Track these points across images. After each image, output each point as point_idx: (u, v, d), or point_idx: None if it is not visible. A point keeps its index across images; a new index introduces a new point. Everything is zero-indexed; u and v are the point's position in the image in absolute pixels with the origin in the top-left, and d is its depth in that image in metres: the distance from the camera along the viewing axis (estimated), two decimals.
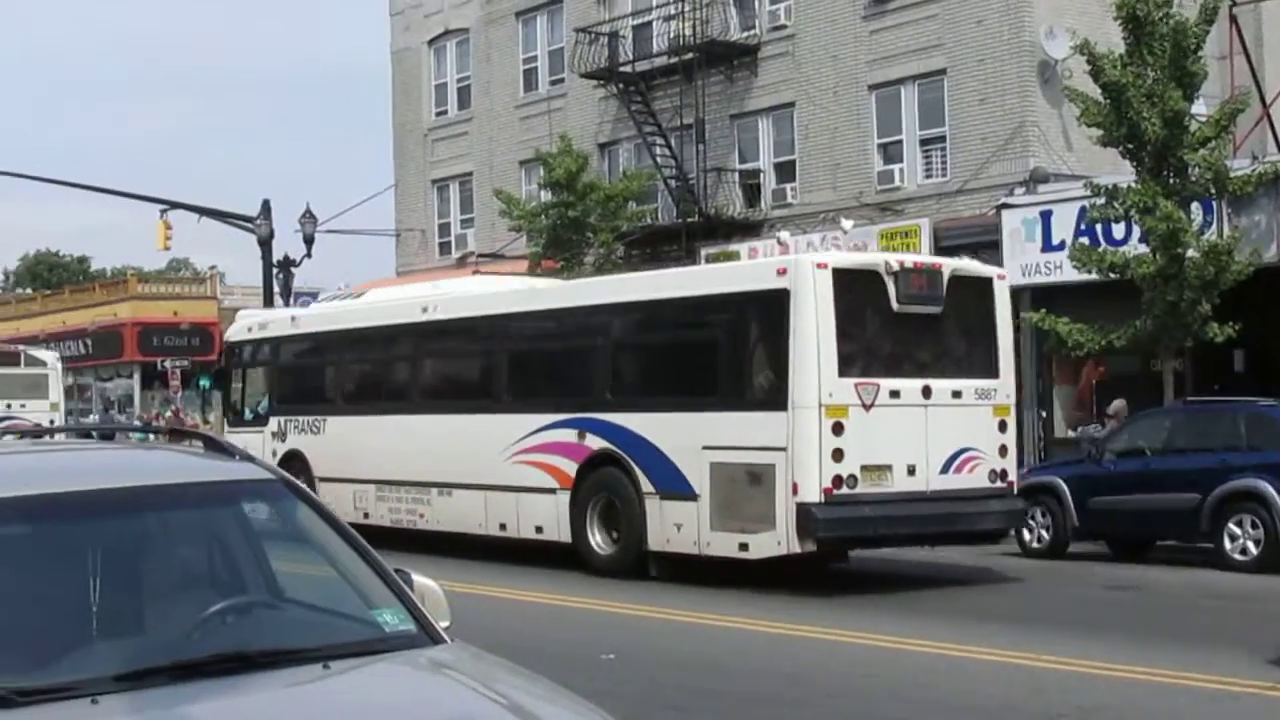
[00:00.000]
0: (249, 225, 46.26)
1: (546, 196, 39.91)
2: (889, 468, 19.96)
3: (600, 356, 23.10)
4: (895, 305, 20.34)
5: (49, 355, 53.61)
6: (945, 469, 20.51)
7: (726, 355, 21.39)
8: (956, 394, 20.73)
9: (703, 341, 21.84)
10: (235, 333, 31.50)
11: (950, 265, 21.58)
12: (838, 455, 19.50)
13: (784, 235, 36.80)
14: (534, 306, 24.84)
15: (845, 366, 19.80)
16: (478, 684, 5.54)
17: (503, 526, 24.00)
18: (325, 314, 30.00)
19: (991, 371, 21.32)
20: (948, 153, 35.52)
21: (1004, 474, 21.20)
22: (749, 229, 39.00)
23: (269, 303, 44.69)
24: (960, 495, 20.64)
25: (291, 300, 46.17)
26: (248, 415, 30.27)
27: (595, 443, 22.41)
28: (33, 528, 5.89)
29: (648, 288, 23.26)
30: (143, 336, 67.52)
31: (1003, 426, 21.22)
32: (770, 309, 20.20)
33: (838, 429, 19.53)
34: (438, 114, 50.02)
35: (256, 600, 6.23)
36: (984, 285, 21.63)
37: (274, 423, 29.02)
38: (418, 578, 6.30)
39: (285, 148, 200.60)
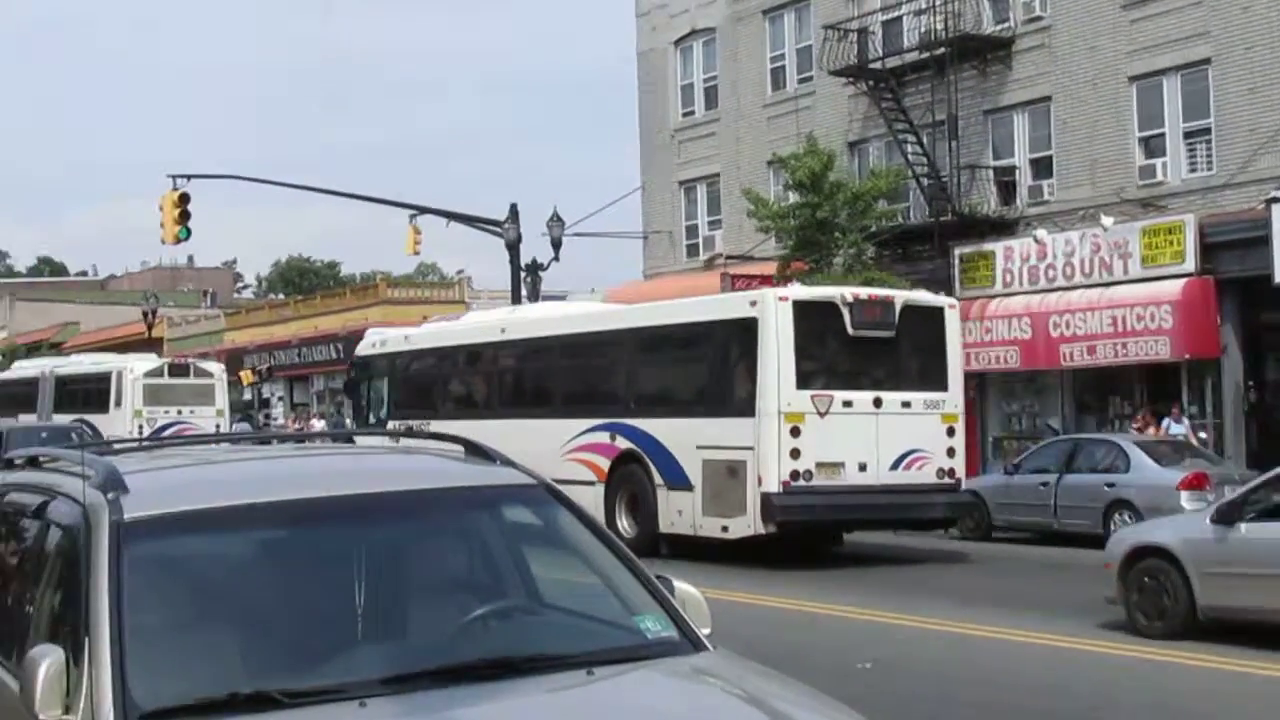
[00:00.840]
0: (497, 229, 46.77)
1: (794, 197, 39.77)
2: (841, 465, 24.38)
3: (627, 371, 28.03)
4: (850, 330, 24.83)
5: (216, 367, 58.06)
6: (895, 466, 24.81)
7: (714, 371, 26.27)
8: (906, 404, 25.06)
9: (698, 359, 26.90)
10: (362, 348, 36.72)
11: (903, 297, 26.35)
12: (795, 454, 24.01)
13: (1040, 233, 36.39)
14: (578, 329, 29.47)
15: (803, 380, 24.38)
16: (742, 692, 5.52)
17: None
18: (430, 333, 34.98)
19: (941, 385, 25.63)
20: (1213, 145, 34.59)
21: (951, 472, 25.47)
22: (1004, 227, 38.47)
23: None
24: (908, 489, 24.94)
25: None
26: (371, 421, 34.65)
27: (623, 444, 27.05)
28: (299, 532, 6.04)
29: (658, 315, 28.22)
30: None
31: (951, 432, 25.50)
32: (744, 333, 24.85)
33: (795, 432, 24.05)
34: (684, 114, 50.20)
35: (518, 605, 6.29)
36: (935, 313, 26.13)
37: (390, 427, 31.75)
38: (679, 584, 6.30)
39: (533, 151, 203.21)
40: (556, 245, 47.10)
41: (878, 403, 24.74)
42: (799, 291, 25.80)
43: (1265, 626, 15.80)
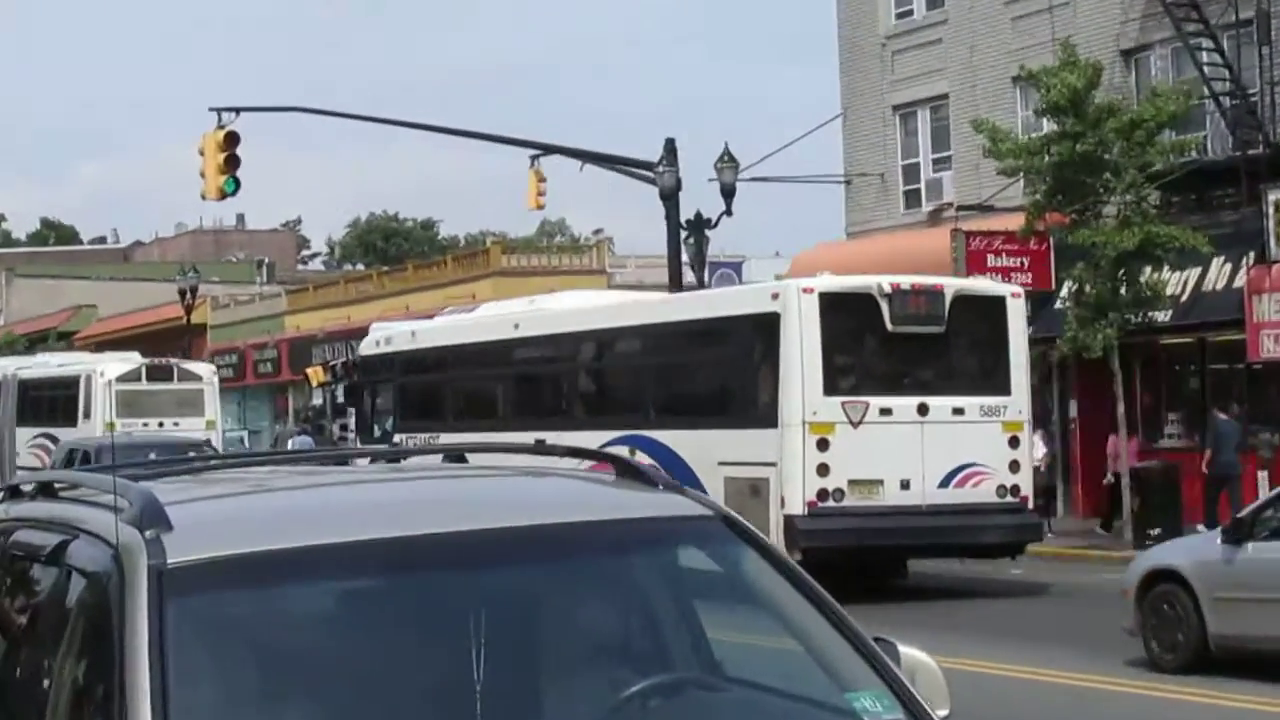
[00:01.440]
0: (647, 173, 46.69)
1: (1049, 126, 39.43)
2: (879, 482, 27.15)
3: (646, 375, 31.69)
4: (890, 326, 27.59)
5: (204, 369, 61.33)
6: (945, 484, 27.54)
7: (735, 375, 29.62)
8: (958, 411, 27.78)
9: (719, 362, 30.26)
10: (365, 346, 41.24)
11: (954, 286, 29.33)
12: (823, 470, 26.79)
13: None
14: (590, 325, 32.95)
15: (832, 385, 27.28)
16: None
17: None
18: (438, 328, 39.29)
19: (1002, 389, 28.45)
20: None
21: (1015, 489, 28.28)
22: None
23: (674, 278, 45.11)
24: (962, 509, 27.67)
25: (707, 275, 46.57)
26: (377, 432, 38.61)
27: (642, 460, 27.82)
28: (397, 581, 6.07)
29: (673, 310, 32.45)
30: None
31: (1014, 443, 28.21)
32: (766, 332, 27.74)
33: (822, 445, 26.74)
34: (900, 16, 50.10)
35: (689, 679, 6.29)
36: (994, 305, 28.94)
37: (398, 440, 35.20)
38: (905, 649, 6.26)
39: (695, 71, 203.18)
40: (728, 194, 46.73)
41: (923, 410, 27.55)
42: (827, 282, 28.44)
43: (1277, 657, 18.03)
